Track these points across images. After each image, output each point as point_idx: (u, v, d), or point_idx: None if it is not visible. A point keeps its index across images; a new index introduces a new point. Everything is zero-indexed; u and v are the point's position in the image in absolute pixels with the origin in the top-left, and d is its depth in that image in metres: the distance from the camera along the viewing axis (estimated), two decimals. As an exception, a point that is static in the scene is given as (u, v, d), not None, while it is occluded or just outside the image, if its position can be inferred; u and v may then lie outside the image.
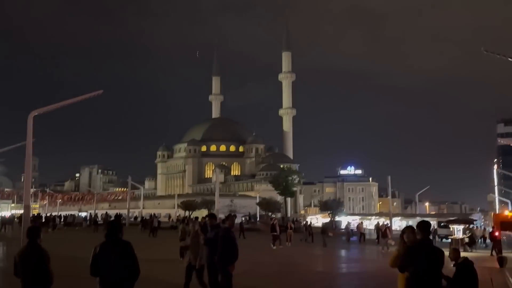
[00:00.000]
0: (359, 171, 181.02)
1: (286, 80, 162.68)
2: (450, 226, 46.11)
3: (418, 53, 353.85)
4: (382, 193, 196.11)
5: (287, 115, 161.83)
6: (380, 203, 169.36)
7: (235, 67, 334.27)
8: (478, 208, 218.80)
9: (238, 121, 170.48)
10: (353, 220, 72.92)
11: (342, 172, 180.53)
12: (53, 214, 75.08)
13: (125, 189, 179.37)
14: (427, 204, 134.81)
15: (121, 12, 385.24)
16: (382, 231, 32.95)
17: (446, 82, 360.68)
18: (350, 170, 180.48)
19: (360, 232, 41.85)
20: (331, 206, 70.17)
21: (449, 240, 35.28)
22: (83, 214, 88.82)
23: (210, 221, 11.59)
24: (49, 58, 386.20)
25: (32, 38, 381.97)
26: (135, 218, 71.96)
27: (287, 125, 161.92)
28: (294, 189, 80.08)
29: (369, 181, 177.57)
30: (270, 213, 66.73)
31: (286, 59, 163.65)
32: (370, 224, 69.21)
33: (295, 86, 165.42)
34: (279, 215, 74.53)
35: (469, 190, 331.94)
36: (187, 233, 16.88)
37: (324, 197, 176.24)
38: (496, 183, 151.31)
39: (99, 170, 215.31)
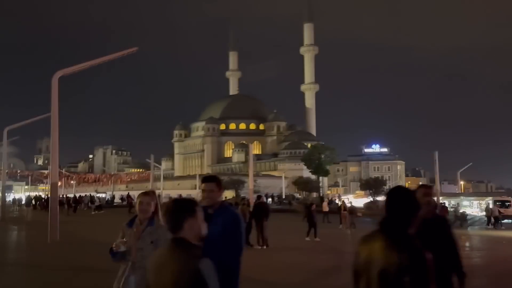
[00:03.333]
0: (384, 150, 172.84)
1: (308, 54, 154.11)
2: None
3: (446, 27, 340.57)
4: (408, 172, 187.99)
5: (309, 90, 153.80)
6: (409, 182, 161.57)
7: (253, 41, 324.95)
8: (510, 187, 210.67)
9: (258, 98, 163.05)
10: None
11: (367, 150, 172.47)
12: (84, 194, 69.23)
13: (141, 170, 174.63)
14: (462, 183, 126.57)
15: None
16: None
17: (474, 57, 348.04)
18: (375, 149, 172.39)
19: None
20: (373, 185, 62.82)
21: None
22: (102, 195, 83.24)
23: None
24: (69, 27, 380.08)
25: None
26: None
27: (310, 102, 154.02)
28: (328, 167, 72.98)
29: (395, 159, 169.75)
30: (305, 193, 59.70)
31: (308, 31, 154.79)
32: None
33: (318, 60, 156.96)
34: (315, 195, 67.42)
35: (496, 169, 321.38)
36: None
37: (348, 176, 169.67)
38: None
39: (113, 151, 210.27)
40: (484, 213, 45.22)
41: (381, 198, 65.29)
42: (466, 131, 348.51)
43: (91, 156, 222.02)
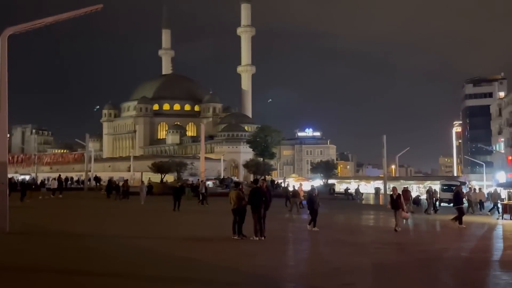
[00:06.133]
0: (317, 134, 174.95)
1: (245, 34, 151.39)
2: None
3: (372, 16, 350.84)
4: (338, 157, 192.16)
5: (246, 72, 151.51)
6: (341, 166, 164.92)
7: (188, 20, 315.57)
8: (426, 171, 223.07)
9: (193, 78, 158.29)
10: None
11: (300, 134, 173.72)
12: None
13: (65, 150, 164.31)
14: (393, 167, 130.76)
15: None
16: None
17: (397, 45, 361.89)
18: (308, 132, 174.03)
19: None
20: (324, 169, 61.95)
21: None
22: (25, 177, 76.26)
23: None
24: None
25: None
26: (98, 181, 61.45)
27: (246, 84, 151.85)
28: (274, 150, 71.33)
29: (327, 143, 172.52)
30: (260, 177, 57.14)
31: (245, 11, 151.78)
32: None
33: (255, 42, 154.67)
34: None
35: (416, 154, 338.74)
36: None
37: (281, 160, 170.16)
38: (455, 145, 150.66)
39: (33, 130, 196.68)
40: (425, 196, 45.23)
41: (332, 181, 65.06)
42: (387, 118, 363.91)
43: (8, 135, 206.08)
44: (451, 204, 39.50)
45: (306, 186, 53.63)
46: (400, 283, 9.35)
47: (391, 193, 19.53)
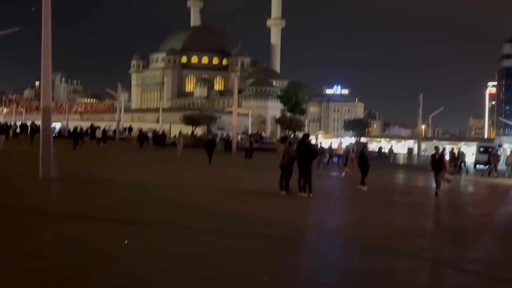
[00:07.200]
0: (345, 91, 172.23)
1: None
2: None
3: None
4: (366, 115, 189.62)
5: (275, 26, 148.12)
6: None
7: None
8: (453, 132, 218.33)
9: (221, 31, 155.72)
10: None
11: (328, 91, 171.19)
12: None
13: (94, 100, 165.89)
14: (423, 127, 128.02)
15: None
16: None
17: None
18: (337, 90, 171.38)
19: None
20: (357, 126, 60.79)
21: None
22: (57, 124, 77.16)
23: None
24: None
25: None
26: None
27: (275, 38, 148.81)
28: (304, 106, 70.18)
29: (355, 101, 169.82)
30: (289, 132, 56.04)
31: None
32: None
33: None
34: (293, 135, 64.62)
35: (443, 115, 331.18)
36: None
37: (308, 116, 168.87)
38: (487, 107, 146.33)
39: (63, 79, 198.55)
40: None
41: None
42: (417, 77, 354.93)
43: (37, 82, 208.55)
44: (487, 166, 38.77)
45: (334, 143, 52.92)
46: (480, 250, 8.79)
47: (433, 153, 18.60)
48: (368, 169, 17.43)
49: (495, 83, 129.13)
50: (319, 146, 30.65)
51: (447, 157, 28.60)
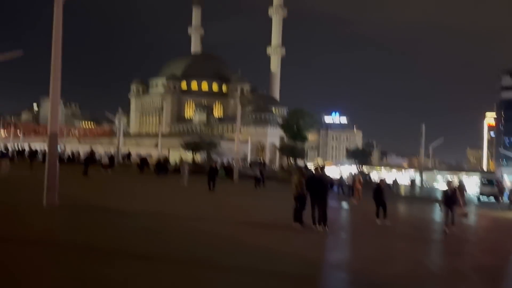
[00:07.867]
0: (344, 119, 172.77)
1: (276, 16, 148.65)
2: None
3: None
4: (364, 144, 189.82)
5: (275, 54, 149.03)
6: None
7: None
8: (450, 162, 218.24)
9: (221, 58, 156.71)
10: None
11: (327, 119, 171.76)
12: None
13: (92, 123, 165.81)
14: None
15: None
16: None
17: (431, 33, 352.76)
18: (335, 117, 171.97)
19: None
20: (359, 155, 60.48)
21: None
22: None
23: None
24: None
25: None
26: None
27: (275, 66, 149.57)
28: (306, 134, 69.91)
29: (353, 129, 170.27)
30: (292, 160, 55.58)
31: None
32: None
33: (285, 26, 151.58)
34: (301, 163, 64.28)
35: (442, 145, 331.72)
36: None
37: (307, 145, 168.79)
38: (485, 138, 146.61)
39: (61, 101, 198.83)
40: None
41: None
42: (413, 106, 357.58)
43: (35, 105, 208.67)
44: (491, 198, 38.24)
45: (333, 171, 52.47)
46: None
47: (446, 188, 17.95)
48: (385, 202, 16.90)
49: (494, 113, 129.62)
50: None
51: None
